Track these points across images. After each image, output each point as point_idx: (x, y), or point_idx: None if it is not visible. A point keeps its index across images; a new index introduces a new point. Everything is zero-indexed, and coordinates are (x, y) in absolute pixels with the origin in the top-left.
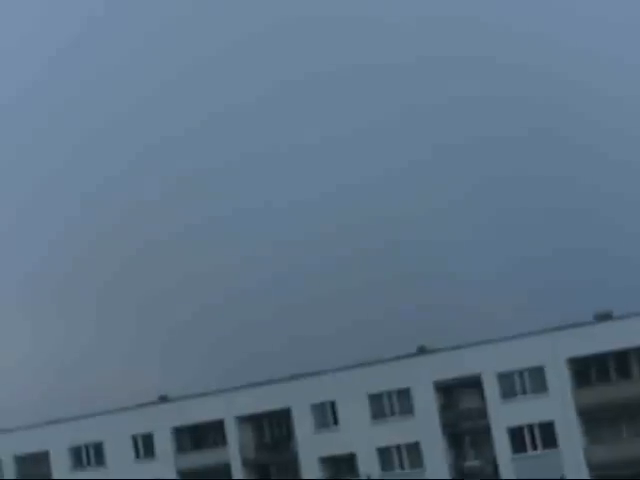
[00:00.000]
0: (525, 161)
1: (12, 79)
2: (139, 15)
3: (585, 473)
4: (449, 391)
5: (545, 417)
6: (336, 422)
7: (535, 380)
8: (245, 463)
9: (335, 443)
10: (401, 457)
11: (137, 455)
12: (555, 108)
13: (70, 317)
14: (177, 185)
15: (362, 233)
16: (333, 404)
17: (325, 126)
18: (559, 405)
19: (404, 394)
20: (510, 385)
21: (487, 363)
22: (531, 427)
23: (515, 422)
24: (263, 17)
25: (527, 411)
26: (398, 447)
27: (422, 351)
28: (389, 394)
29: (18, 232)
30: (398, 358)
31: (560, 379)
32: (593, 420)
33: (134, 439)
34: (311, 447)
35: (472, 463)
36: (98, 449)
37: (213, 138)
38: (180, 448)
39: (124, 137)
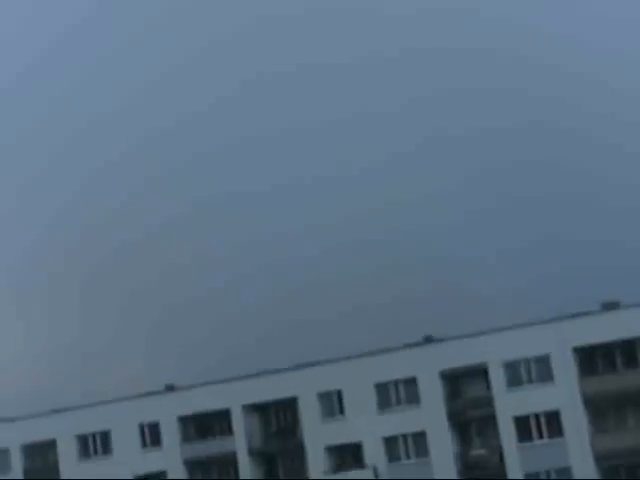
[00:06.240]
0: (530, 151)
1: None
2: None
3: (591, 462)
4: (455, 380)
5: (551, 406)
6: (342, 411)
7: (541, 369)
8: (251, 452)
9: (341, 432)
10: (407, 446)
11: (144, 444)
12: (553, 100)
13: (65, 306)
14: (167, 175)
15: (368, 220)
16: (339, 393)
17: (325, 116)
18: (565, 394)
19: (410, 383)
20: (516, 374)
21: (493, 352)
22: (537, 416)
23: (521, 411)
24: (264, 7)
25: (533, 400)
26: (404, 436)
27: (428, 340)
28: (395, 383)
29: (3, 225)
30: (404, 347)
31: (566, 368)
32: (599, 409)
33: (141, 428)
34: (317, 436)
35: (478, 452)
36: (105, 438)
37: (206, 126)
38: (186, 437)
39: (115, 127)
